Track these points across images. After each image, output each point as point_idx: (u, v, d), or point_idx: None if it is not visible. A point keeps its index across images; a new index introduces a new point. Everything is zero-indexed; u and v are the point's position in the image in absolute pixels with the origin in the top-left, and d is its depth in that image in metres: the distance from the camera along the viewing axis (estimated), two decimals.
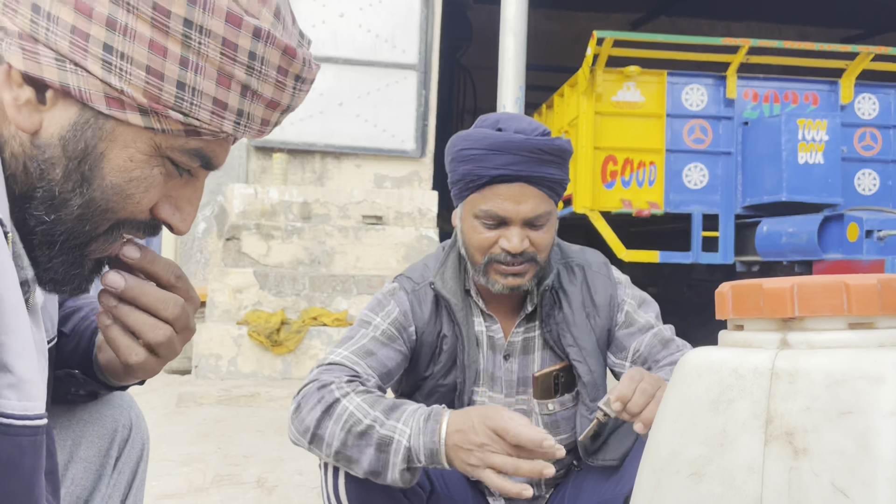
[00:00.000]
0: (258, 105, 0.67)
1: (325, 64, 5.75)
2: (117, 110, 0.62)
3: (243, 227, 4.94)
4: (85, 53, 0.60)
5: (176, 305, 0.72)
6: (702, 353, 0.84)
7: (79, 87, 0.61)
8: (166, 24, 0.60)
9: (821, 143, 4.82)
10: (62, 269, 0.67)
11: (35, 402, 0.58)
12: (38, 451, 0.59)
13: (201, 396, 3.85)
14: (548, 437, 1.07)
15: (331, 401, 1.19)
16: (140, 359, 0.72)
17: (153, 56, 0.61)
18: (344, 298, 4.68)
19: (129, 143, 0.64)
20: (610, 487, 1.39)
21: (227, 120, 0.66)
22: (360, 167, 5.89)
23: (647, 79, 5.22)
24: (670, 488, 0.80)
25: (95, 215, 0.65)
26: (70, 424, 0.92)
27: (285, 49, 0.65)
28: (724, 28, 10.88)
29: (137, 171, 0.65)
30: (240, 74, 0.64)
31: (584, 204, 5.15)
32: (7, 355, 0.55)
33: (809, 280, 0.79)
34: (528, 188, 1.31)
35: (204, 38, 0.61)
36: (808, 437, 0.72)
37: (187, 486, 2.46)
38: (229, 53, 0.63)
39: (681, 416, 0.82)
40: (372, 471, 1.16)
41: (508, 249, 1.32)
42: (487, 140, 1.30)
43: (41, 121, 0.62)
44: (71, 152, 0.63)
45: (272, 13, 0.65)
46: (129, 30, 0.60)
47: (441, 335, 1.41)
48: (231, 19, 0.62)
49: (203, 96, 0.63)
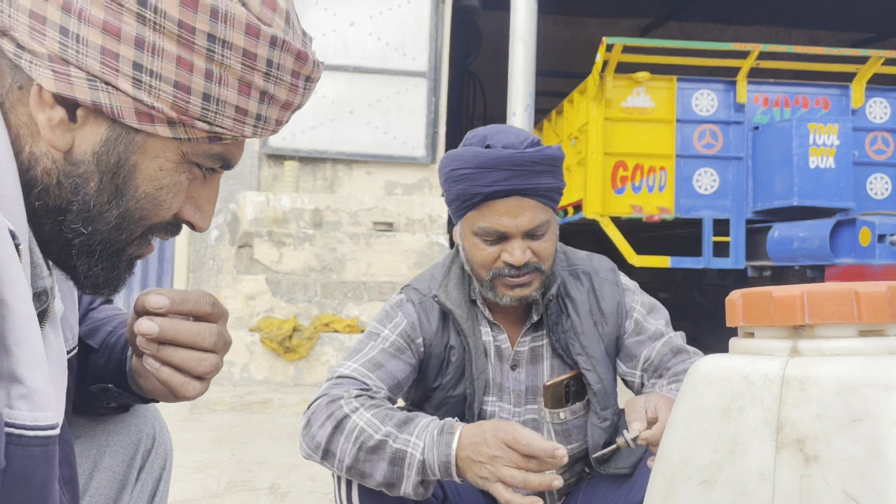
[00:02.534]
0: (274, 108, 0.70)
1: (335, 72, 5.79)
2: (147, 124, 0.65)
3: (255, 235, 4.96)
4: (116, 73, 0.62)
5: (212, 334, 0.75)
6: (712, 361, 0.85)
7: (110, 105, 0.63)
8: (192, 41, 0.63)
9: (832, 147, 4.80)
10: (102, 275, 0.70)
11: (47, 412, 0.58)
12: (51, 461, 0.59)
13: (214, 403, 3.87)
14: (560, 447, 1.07)
15: (340, 416, 1.20)
16: (197, 391, 0.76)
17: (181, 71, 0.63)
18: (355, 305, 4.70)
19: (159, 153, 0.67)
20: (622, 495, 1.38)
21: (248, 125, 0.69)
22: (370, 174, 5.92)
23: (656, 84, 5.22)
24: (682, 495, 0.81)
25: (131, 224, 0.68)
26: (94, 434, 0.93)
27: (298, 54, 0.68)
28: (734, 32, 10.86)
29: (167, 178, 0.68)
30: (259, 81, 0.67)
31: (594, 209, 5.15)
32: (18, 366, 0.56)
33: (819, 287, 0.79)
34: (523, 200, 1.30)
35: (226, 50, 0.64)
36: (818, 445, 0.72)
37: (201, 492, 2.48)
38: (249, 63, 0.65)
39: (692, 423, 0.83)
40: (386, 483, 1.17)
41: (512, 263, 1.32)
42: (477, 158, 1.29)
43: (73, 138, 0.64)
44: (104, 166, 0.65)
45: (283, 19, 0.68)
46: (156, 48, 0.62)
47: (449, 346, 1.41)
48: (250, 31, 0.64)
49: (226, 105, 0.66)
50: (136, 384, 0.87)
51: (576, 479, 1.50)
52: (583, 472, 1.49)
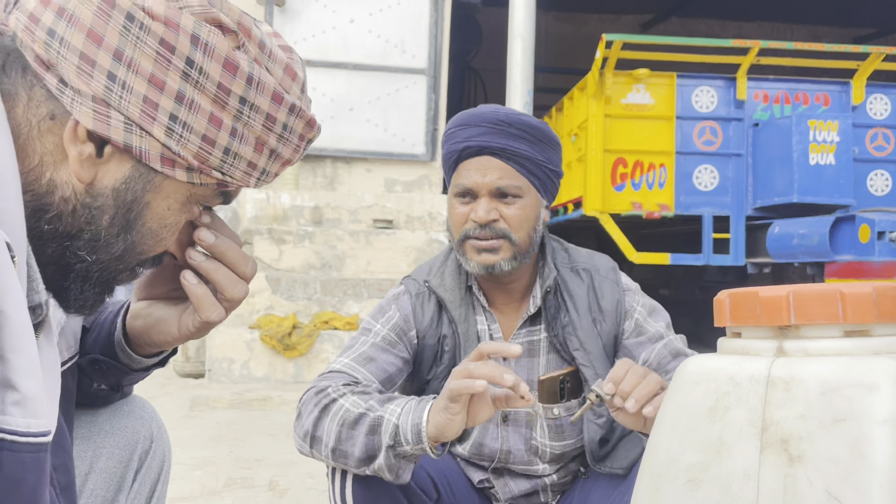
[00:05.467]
0: (277, 164, 0.76)
1: (335, 69, 5.78)
2: (168, 168, 0.70)
3: (255, 232, 4.97)
4: (153, 121, 0.67)
5: (253, 264, 0.81)
6: (699, 361, 0.85)
7: (140, 148, 0.68)
8: (226, 101, 0.69)
9: (832, 144, 4.79)
10: (91, 299, 0.74)
11: (40, 419, 0.59)
12: (42, 468, 0.60)
13: (214, 400, 3.88)
14: (515, 346, 1.10)
15: (327, 402, 1.22)
16: (221, 316, 0.80)
17: (210, 127, 0.69)
18: (355, 302, 4.70)
19: (171, 194, 0.72)
20: (618, 497, 1.38)
21: (253, 177, 0.74)
22: (370, 171, 5.92)
23: (656, 81, 5.21)
24: (668, 494, 0.82)
25: (131, 257, 0.73)
26: (91, 435, 0.94)
27: (309, 121, 0.76)
28: (736, 28, 10.84)
29: (172, 217, 0.74)
30: (272, 142, 0.73)
31: (594, 206, 5.15)
32: (13, 373, 0.57)
33: (805, 288, 0.79)
34: (493, 160, 1.36)
35: (253, 113, 0.70)
36: (802, 445, 0.72)
37: (200, 490, 2.49)
38: (269, 125, 0.72)
39: (678, 423, 0.83)
40: (362, 457, 1.16)
41: (475, 220, 1.36)
42: (459, 118, 1.40)
43: (97, 172, 0.69)
44: (121, 202, 0.70)
45: (300, 88, 0.75)
46: (194, 104, 0.68)
47: (442, 336, 1.42)
48: (276, 98, 0.71)
49: (241, 160, 0.72)
50: (123, 349, 0.89)
51: (571, 478, 1.50)
52: (578, 471, 1.50)
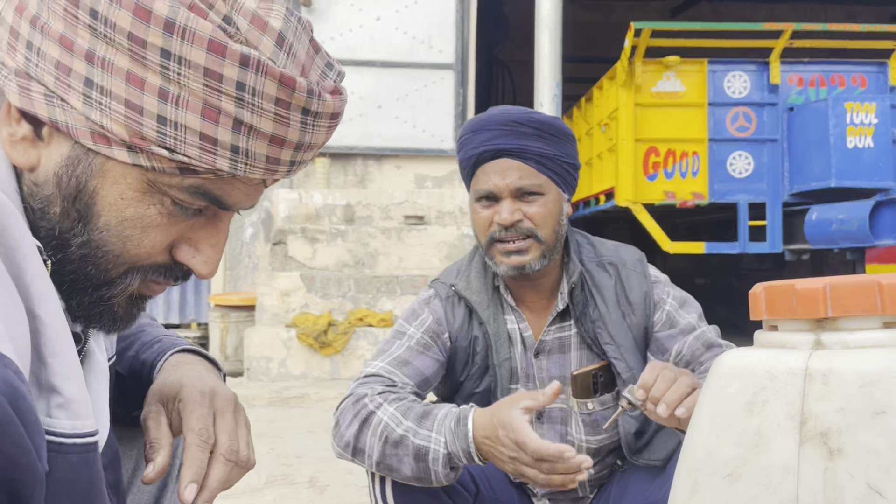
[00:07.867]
0: (258, 141, 0.62)
1: (363, 68, 5.82)
2: (104, 146, 0.61)
3: (289, 232, 5.03)
4: (68, 88, 0.59)
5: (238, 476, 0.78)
6: (736, 355, 0.85)
7: (66, 122, 0.60)
8: (143, 55, 0.58)
9: (870, 126, 4.69)
10: (82, 309, 0.66)
11: (85, 420, 0.60)
12: (93, 467, 0.61)
13: (253, 398, 3.95)
14: (568, 449, 1.09)
15: (366, 414, 1.24)
16: None
17: (130, 89, 0.58)
18: (388, 299, 4.74)
19: (119, 179, 0.62)
20: (655, 489, 1.38)
21: (221, 157, 0.61)
22: (400, 168, 5.95)
23: (687, 68, 5.15)
24: (707, 489, 0.81)
25: (97, 257, 0.64)
26: (135, 435, 0.97)
27: (281, 78, 0.60)
28: (768, 11, 10.62)
29: (130, 209, 0.63)
30: (228, 107, 0.59)
31: (626, 197, 5.10)
32: (54, 378, 0.58)
33: (842, 280, 0.79)
34: (511, 162, 1.36)
35: (183, 68, 0.58)
36: (842, 438, 0.72)
37: (242, 486, 2.54)
38: (213, 84, 0.58)
39: (716, 417, 0.83)
40: (415, 477, 1.22)
41: (500, 222, 1.36)
42: (471, 123, 1.40)
43: (39, 157, 0.62)
44: (65, 189, 0.62)
45: (273, 41, 0.60)
46: (107, 62, 0.58)
47: (473, 338, 1.43)
48: (214, 48, 0.58)
49: (187, 131, 0.60)
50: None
51: (608, 472, 1.50)
52: (615, 464, 1.50)
